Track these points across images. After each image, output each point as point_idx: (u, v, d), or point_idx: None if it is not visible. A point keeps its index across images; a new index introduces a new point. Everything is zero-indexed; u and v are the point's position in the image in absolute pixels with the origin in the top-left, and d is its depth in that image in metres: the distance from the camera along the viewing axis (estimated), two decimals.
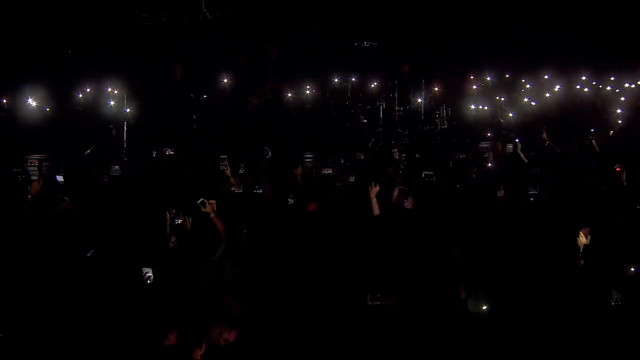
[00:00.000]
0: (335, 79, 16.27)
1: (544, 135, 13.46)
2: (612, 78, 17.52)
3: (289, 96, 15.46)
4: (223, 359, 6.05)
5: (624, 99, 16.40)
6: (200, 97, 15.19)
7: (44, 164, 12.24)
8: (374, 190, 9.43)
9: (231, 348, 6.09)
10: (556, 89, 17.06)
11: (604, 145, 13.43)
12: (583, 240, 8.27)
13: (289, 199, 9.64)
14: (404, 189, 9.89)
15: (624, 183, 10.55)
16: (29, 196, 8.87)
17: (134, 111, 14.75)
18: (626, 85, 17.21)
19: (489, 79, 17.09)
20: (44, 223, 8.67)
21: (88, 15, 16.73)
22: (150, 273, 6.92)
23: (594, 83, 17.59)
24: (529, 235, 8.87)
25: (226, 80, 15.24)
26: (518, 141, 12.94)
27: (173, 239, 8.20)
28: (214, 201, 8.78)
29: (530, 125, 15.70)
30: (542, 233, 8.90)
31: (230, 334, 6.17)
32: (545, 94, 17.04)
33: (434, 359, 6.50)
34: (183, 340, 6.15)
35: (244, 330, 6.25)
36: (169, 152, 12.10)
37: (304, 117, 15.49)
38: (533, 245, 8.56)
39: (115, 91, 14.80)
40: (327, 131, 15.46)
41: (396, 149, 12.86)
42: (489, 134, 15.45)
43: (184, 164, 11.80)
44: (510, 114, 16.04)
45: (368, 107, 16.10)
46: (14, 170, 10.70)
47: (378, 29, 18.40)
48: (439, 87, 16.31)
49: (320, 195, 9.89)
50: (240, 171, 10.86)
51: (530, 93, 17.07)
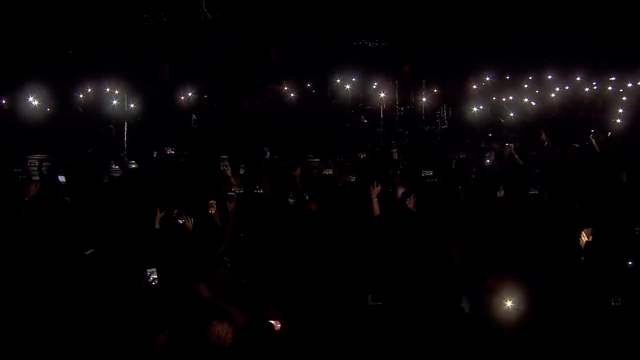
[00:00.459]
0: (335, 79, 16.25)
1: (543, 136, 13.45)
2: (613, 78, 17.50)
3: (290, 96, 15.45)
4: (226, 358, 6.04)
5: (625, 98, 16.36)
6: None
7: (44, 164, 12.21)
8: (375, 191, 9.42)
9: (234, 348, 6.07)
10: (557, 89, 17.05)
11: (605, 145, 13.40)
12: (585, 240, 8.25)
13: (290, 199, 9.63)
14: (407, 188, 9.88)
15: (625, 183, 10.54)
16: (26, 198, 8.89)
17: (135, 110, 14.74)
18: (629, 85, 17.17)
19: (488, 79, 17.09)
20: (42, 223, 8.69)
21: (89, 16, 16.74)
22: (155, 274, 6.90)
23: (595, 83, 17.58)
24: (529, 235, 8.87)
25: (223, 81, 15.23)
26: (511, 144, 12.86)
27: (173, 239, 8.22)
28: (214, 201, 8.78)
29: (531, 125, 15.69)
30: (542, 233, 8.89)
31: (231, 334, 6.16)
32: (545, 94, 17.03)
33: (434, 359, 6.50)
34: (182, 339, 6.15)
35: (245, 331, 6.25)
36: (170, 152, 12.07)
37: (304, 117, 15.47)
38: (533, 245, 8.56)
39: (116, 91, 14.78)
40: (328, 131, 15.45)
41: (395, 149, 12.85)
42: (489, 134, 15.45)
43: (184, 163, 11.79)
44: (511, 114, 16.03)
45: (368, 107, 16.10)
46: (15, 170, 10.69)
47: (378, 29, 18.41)
48: (440, 87, 16.30)
49: (321, 195, 9.88)
50: (241, 171, 10.84)
51: (531, 93, 17.06)
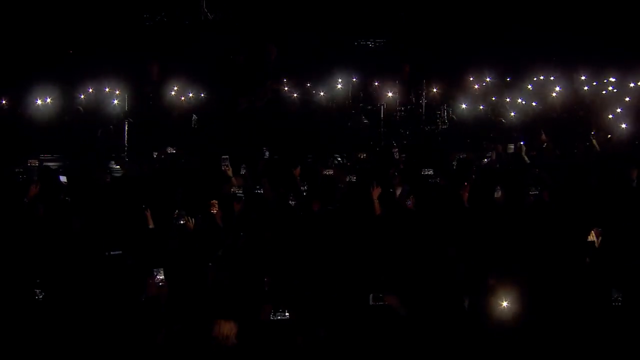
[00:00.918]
0: (335, 79, 16.22)
1: (543, 137, 13.44)
2: (612, 79, 17.47)
3: (290, 96, 15.43)
4: (229, 357, 6.04)
5: (628, 99, 16.33)
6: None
7: (44, 164, 12.21)
8: (376, 191, 9.42)
9: (236, 347, 6.08)
10: (557, 89, 17.03)
11: (605, 145, 13.39)
12: (593, 239, 8.20)
13: (290, 200, 9.63)
14: (407, 188, 9.89)
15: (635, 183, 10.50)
16: (25, 200, 8.89)
17: (131, 110, 14.72)
18: (631, 85, 17.14)
19: (488, 79, 17.07)
20: (42, 223, 8.70)
21: (89, 16, 16.74)
22: (162, 274, 6.89)
23: (595, 83, 17.55)
24: (529, 235, 8.88)
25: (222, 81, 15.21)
26: (523, 144, 12.90)
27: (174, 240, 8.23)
28: (215, 201, 8.79)
29: (531, 125, 15.67)
30: (542, 233, 8.90)
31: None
32: (545, 94, 17.01)
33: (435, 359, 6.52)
34: (184, 339, 6.16)
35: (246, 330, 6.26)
36: (171, 151, 12.06)
37: (304, 117, 15.46)
38: (533, 246, 8.57)
39: (116, 91, 14.77)
40: (328, 131, 15.43)
41: (396, 149, 12.84)
42: (490, 134, 15.43)
43: (186, 162, 11.78)
44: (512, 114, 16.01)
45: (369, 107, 16.08)
46: (16, 170, 10.70)
47: (379, 29, 18.40)
48: (440, 87, 16.29)
49: (322, 195, 9.88)
50: (241, 172, 10.84)
51: (531, 93, 17.04)
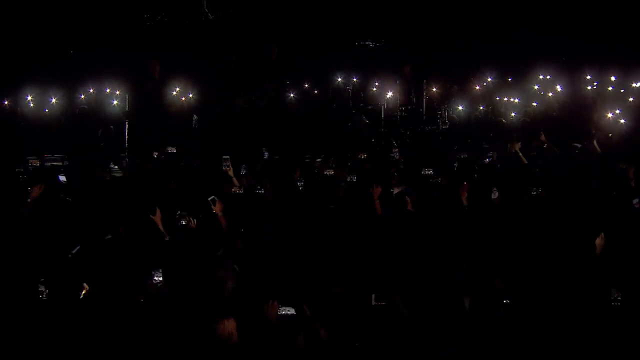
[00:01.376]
0: (336, 79, 16.22)
1: (542, 137, 13.45)
2: (613, 78, 17.47)
3: (291, 96, 15.42)
4: (232, 357, 6.04)
5: (632, 99, 16.32)
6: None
7: (45, 164, 12.21)
8: (377, 192, 9.44)
9: (237, 346, 6.08)
10: (558, 89, 17.04)
11: (605, 145, 13.38)
12: (600, 242, 8.14)
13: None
14: (404, 189, 9.90)
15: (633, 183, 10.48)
16: (29, 200, 8.85)
17: (131, 109, 14.72)
18: (633, 85, 17.12)
19: (489, 79, 17.07)
20: (43, 223, 8.69)
21: (90, 16, 16.75)
22: (160, 276, 6.89)
23: (596, 83, 17.55)
24: (527, 236, 8.88)
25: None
26: (520, 142, 12.92)
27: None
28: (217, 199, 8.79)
29: (531, 126, 15.67)
30: (542, 233, 8.90)
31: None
32: (546, 95, 17.01)
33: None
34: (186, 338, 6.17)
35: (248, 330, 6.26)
36: (171, 150, 12.06)
37: (304, 117, 15.46)
38: (532, 245, 8.57)
39: (117, 91, 14.78)
40: (328, 131, 15.43)
41: (397, 149, 12.85)
42: (491, 134, 15.44)
43: (186, 162, 11.78)
44: (512, 114, 16.01)
45: (369, 107, 16.08)
46: (17, 170, 10.70)
47: (380, 29, 18.40)
48: (441, 88, 16.29)
49: (324, 195, 9.90)
50: (242, 172, 10.84)
51: (532, 93, 17.05)
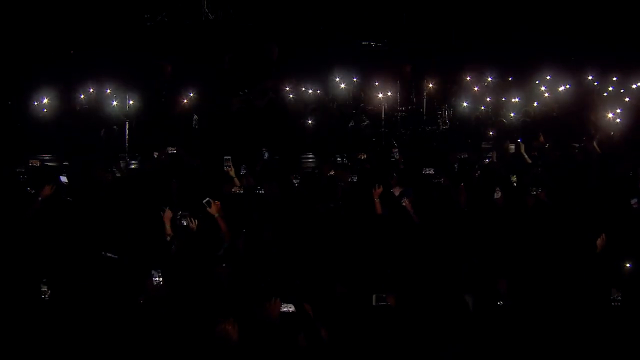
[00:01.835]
0: (337, 79, 16.23)
1: (541, 139, 13.46)
2: (615, 79, 17.51)
3: (291, 96, 15.45)
4: (232, 357, 6.03)
5: (623, 99, 16.35)
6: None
7: (46, 164, 12.21)
8: (377, 192, 9.45)
9: (238, 346, 6.07)
10: (558, 89, 17.07)
11: (605, 145, 13.39)
12: (600, 242, 8.15)
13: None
14: (404, 189, 9.89)
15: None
16: (39, 198, 8.85)
17: (135, 109, 14.75)
18: (633, 86, 17.15)
19: (490, 79, 17.10)
20: (47, 224, 8.69)
21: (90, 16, 16.76)
22: (160, 276, 6.89)
23: (596, 83, 17.59)
24: (529, 235, 8.88)
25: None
26: (520, 141, 12.93)
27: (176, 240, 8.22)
28: (219, 202, 8.78)
29: (531, 126, 15.70)
30: (542, 233, 8.90)
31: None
32: (547, 95, 17.05)
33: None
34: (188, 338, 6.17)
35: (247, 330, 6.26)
36: (171, 151, 12.05)
37: (304, 117, 15.48)
38: (533, 245, 8.57)
39: (118, 91, 14.80)
40: (329, 131, 15.45)
41: (397, 149, 12.86)
42: (490, 132, 15.45)
43: (187, 162, 11.77)
44: (511, 114, 16.04)
45: (370, 107, 16.10)
46: (17, 170, 10.70)
47: (380, 29, 18.42)
48: (441, 87, 16.31)
49: (325, 195, 9.89)
50: (242, 172, 10.84)
51: (532, 93, 17.08)
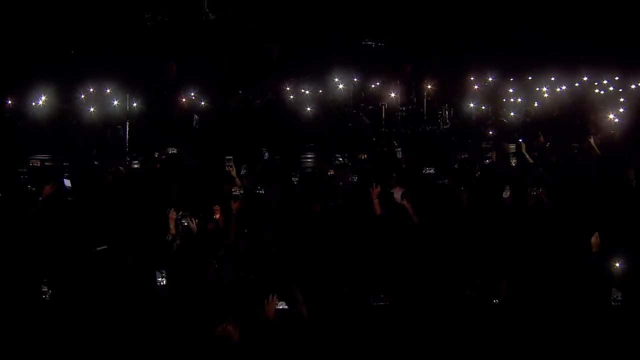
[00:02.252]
0: (337, 79, 16.22)
1: (541, 139, 13.47)
2: (617, 78, 17.51)
3: (291, 96, 15.44)
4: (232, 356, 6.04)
5: (623, 100, 16.36)
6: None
7: (47, 164, 12.23)
8: (376, 192, 9.47)
9: (238, 346, 6.08)
10: (558, 90, 17.08)
11: (605, 145, 13.40)
12: (595, 241, 8.18)
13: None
14: (405, 189, 9.89)
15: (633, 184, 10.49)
16: (40, 198, 8.85)
17: (138, 110, 14.75)
18: (632, 86, 17.16)
19: (490, 79, 17.10)
20: (49, 224, 8.70)
21: (90, 16, 16.77)
22: (164, 277, 6.89)
23: (596, 84, 17.59)
24: (529, 235, 8.89)
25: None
26: (522, 141, 12.93)
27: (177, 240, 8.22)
28: (218, 207, 8.77)
29: (532, 126, 15.70)
30: (542, 233, 8.91)
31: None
32: (546, 95, 17.06)
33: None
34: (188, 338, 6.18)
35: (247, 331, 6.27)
36: (172, 151, 12.07)
37: (304, 117, 15.47)
38: (533, 245, 8.58)
39: (118, 92, 14.80)
40: (329, 131, 15.45)
41: (399, 149, 12.87)
42: (490, 132, 15.46)
43: (187, 162, 11.79)
44: (512, 114, 16.05)
45: (370, 107, 16.09)
46: (18, 170, 10.73)
47: (380, 30, 18.42)
48: (441, 88, 16.31)
49: (325, 195, 9.90)
50: (242, 172, 10.85)
51: (532, 94, 17.09)
